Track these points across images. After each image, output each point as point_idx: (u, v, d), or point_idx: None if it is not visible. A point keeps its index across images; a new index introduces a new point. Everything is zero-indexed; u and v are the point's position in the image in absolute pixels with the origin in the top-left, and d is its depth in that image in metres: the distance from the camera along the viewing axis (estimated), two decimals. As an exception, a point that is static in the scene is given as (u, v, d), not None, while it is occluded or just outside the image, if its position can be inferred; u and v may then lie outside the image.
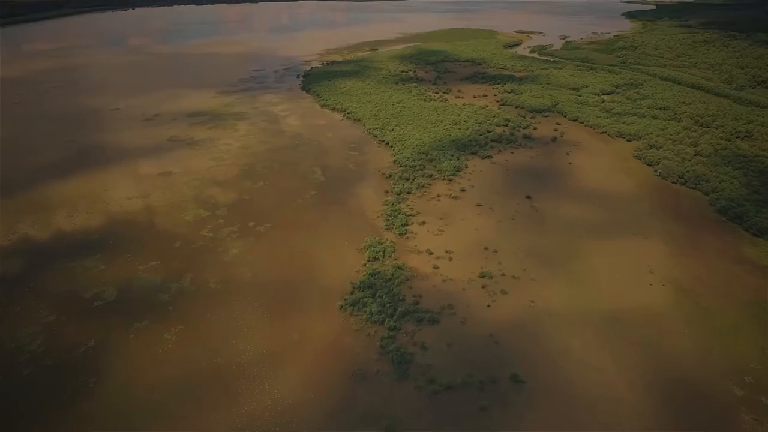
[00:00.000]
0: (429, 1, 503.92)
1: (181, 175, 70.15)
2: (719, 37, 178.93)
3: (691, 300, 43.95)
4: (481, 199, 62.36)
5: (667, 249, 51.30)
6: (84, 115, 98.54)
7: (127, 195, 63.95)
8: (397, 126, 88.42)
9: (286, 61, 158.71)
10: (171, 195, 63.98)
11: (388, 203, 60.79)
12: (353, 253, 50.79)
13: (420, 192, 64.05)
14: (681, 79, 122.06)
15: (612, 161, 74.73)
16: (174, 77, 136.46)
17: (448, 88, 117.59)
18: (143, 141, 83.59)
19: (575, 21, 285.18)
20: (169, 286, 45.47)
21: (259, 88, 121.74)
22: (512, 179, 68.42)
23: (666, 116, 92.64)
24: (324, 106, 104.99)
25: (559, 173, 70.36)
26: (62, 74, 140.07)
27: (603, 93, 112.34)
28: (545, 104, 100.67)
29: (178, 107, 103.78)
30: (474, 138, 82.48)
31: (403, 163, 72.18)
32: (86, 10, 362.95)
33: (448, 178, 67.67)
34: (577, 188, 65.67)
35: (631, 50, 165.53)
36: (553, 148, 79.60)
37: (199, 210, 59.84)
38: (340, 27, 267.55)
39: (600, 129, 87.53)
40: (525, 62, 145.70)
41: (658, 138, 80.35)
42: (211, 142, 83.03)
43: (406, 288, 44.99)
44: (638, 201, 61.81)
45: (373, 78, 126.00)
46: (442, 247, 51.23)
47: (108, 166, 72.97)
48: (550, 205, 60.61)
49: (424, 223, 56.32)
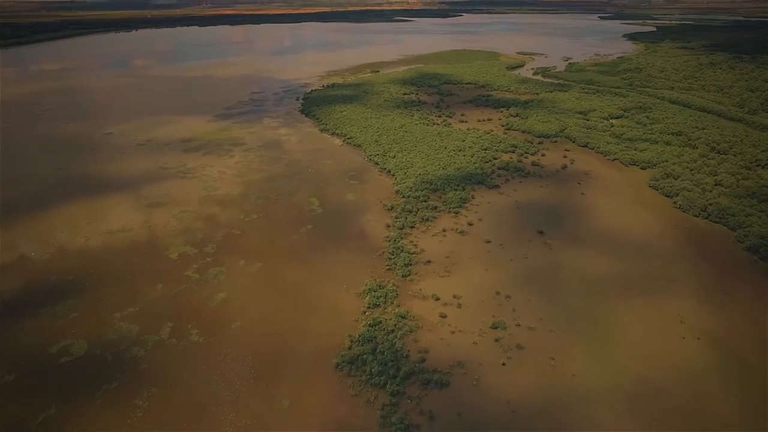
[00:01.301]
0: (430, 23, 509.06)
1: (169, 206, 65.97)
2: (725, 59, 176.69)
3: (729, 355, 39.12)
4: (490, 234, 57.94)
5: (696, 294, 46.57)
6: (74, 141, 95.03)
7: (111, 228, 59.70)
8: (399, 152, 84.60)
9: (286, 83, 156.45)
10: (157, 229, 59.69)
11: (390, 239, 56.34)
12: (352, 298, 46.16)
13: (424, 226, 59.68)
14: (691, 103, 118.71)
15: (627, 192, 70.48)
16: (171, 100, 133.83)
17: (451, 112, 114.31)
18: (133, 169, 79.73)
19: (577, 42, 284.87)
20: (145, 338, 40.76)
21: (257, 111, 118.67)
22: (522, 212, 64.08)
23: (680, 142, 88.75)
24: (323, 130, 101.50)
25: (572, 205, 66.03)
26: (57, 97, 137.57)
27: (611, 117, 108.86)
28: (552, 129, 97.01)
29: (173, 132, 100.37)
30: (480, 166, 78.51)
31: (406, 194, 68.00)
32: (88, 32, 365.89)
33: (453, 211, 63.38)
34: (593, 222, 61.25)
35: (636, 72, 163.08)
36: (564, 177, 75.48)
37: (186, 246, 55.44)
38: (341, 48, 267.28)
39: (611, 156, 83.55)
40: (529, 85, 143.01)
41: (674, 166, 76.25)
42: (204, 170, 79.13)
43: (411, 341, 40.24)
44: (659, 237, 57.28)
45: (374, 101, 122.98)
46: (450, 292, 46.62)
47: (93, 197, 68.91)
48: (565, 242, 56.10)
49: (429, 263, 51.78)
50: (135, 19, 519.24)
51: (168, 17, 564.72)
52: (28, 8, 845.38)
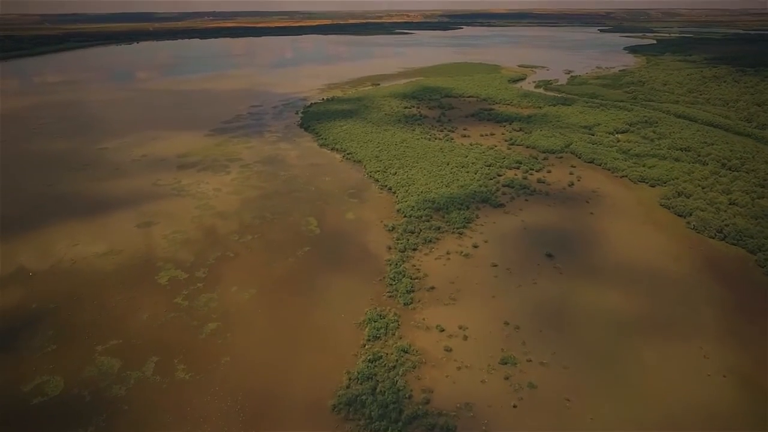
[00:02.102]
0: (430, 36, 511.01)
1: (161, 226, 63.27)
2: (728, 73, 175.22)
3: (759, 394, 36.04)
4: (497, 257, 55.11)
5: (719, 325, 43.60)
6: (68, 156, 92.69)
7: (98, 251, 56.94)
8: (400, 169, 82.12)
9: (285, 96, 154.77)
10: (147, 251, 56.92)
11: (391, 263, 53.52)
12: (350, 329, 43.22)
13: (427, 248, 56.87)
14: (697, 117, 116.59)
15: (637, 211, 67.76)
16: (169, 114, 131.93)
17: (453, 126, 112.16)
18: (126, 186, 77.22)
19: (578, 55, 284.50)
20: (128, 374, 37.76)
21: (255, 125, 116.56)
22: (529, 232, 61.30)
23: (689, 158, 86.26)
24: (323, 145, 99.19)
25: (581, 226, 63.27)
26: (54, 110, 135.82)
27: (617, 132, 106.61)
28: (557, 144, 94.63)
29: (169, 147, 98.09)
30: (483, 183, 75.95)
31: (408, 213, 65.31)
32: (90, 44, 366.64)
33: (458, 231, 60.61)
34: (604, 244, 58.42)
35: (639, 86, 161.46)
36: (571, 195, 72.84)
37: (177, 270, 52.61)
38: (341, 61, 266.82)
39: (619, 173, 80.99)
40: (531, 98, 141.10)
41: (685, 184, 73.63)
42: (199, 187, 76.60)
43: (414, 379, 37.23)
44: (675, 261, 54.41)
45: (374, 115, 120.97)
46: (455, 322, 43.69)
47: (82, 216, 66.26)
48: (575, 267, 53.24)
49: (432, 289, 48.92)
50: (137, 32, 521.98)
51: (169, 30, 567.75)
52: (31, 21, 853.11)
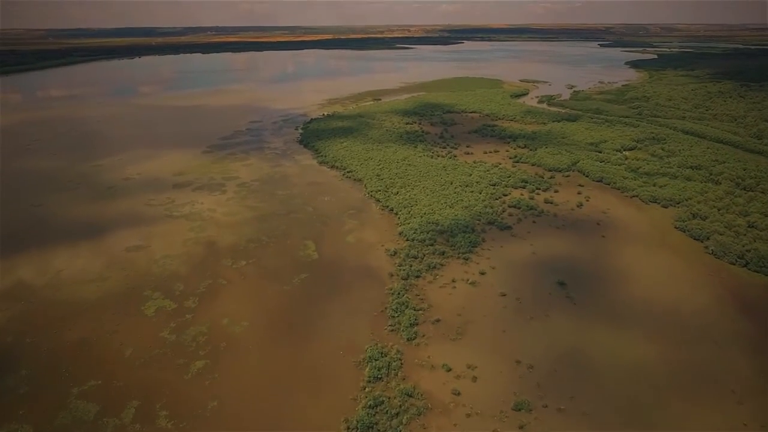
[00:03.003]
0: (431, 50, 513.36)
1: (151, 250, 60.21)
2: (733, 88, 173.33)
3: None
4: (505, 285, 51.88)
5: (749, 364, 40.12)
6: (60, 174, 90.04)
7: (84, 278, 53.84)
8: (402, 188, 79.25)
9: (285, 111, 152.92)
10: (135, 278, 53.75)
11: (393, 291, 50.28)
12: (349, 368, 39.86)
13: (431, 275, 53.67)
14: (705, 133, 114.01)
15: (651, 234, 64.59)
16: (166, 130, 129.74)
17: (455, 143, 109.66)
18: (117, 207, 74.39)
19: (579, 70, 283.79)
20: (105, 422, 34.39)
21: (253, 142, 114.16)
22: (538, 258, 58.10)
23: (701, 177, 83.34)
24: (322, 163, 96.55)
25: (593, 250, 60.06)
26: (50, 126, 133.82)
27: (624, 149, 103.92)
28: (564, 162, 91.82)
29: (164, 165, 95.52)
30: (489, 203, 72.98)
31: (410, 236, 62.20)
32: (93, 59, 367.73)
33: (463, 256, 57.44)
34: (618, 271, 55.16)
35: (644, 101, 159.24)
36: (581, 217, 69.78)
37: (165, 300, 49.41)
38: (343, 76, 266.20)
39: (629, 192, 78.02)
40: (535, 114, 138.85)
41: (700, 205, 70.60)
42: (193, 208, 73.72)
43: (419, 427, 33.82)
44: (696, 291, 51.10)
45: (375, 131, 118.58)
46: (463, 360, 40.33)
47: (69, 239, 63.27)
48: (590, 296, 49.96)
49: (438, 321, 45.63)
50: (140, 47, 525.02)
51: (172, 44, 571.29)
52: (35, 36, 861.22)
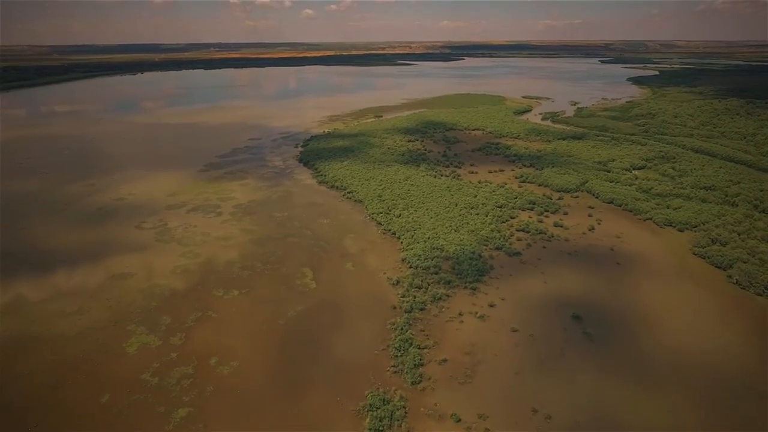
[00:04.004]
0: (433, 66, 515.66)
1: (138, 278, 56.63)
2: (740, 105, 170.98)
3: None
4: (516, 319, 48.14)
5: (791, 413, 36.26)
6: (48, 194, 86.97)
7: (63, 309, 50.19)
8: (405, 210, 75.91)
9: (285, 128, 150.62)
10: (118, 310, 50.08)
11: (396, 327, 46.54)
12: (347, 417, 35.97)
13: (436, 307, 49.96)
14: (716, 152, 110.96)
15: (669, 261, 60.90)
16: (163, 147, 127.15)
17: (459, 162, 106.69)
18: (106, 230, 71.00)
19: (582, 86, 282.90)
20: (71, 485, 30.54)
21: (252, 160, 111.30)
22: (551, 288, 54.39)
23: (716, 199, 79.95)
24: (322, 182, 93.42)
25: (608, 279, 56.35)
26: (44, 143, 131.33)
27: (633, 168, 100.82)
28: (572, 182, 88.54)
29: (159, 184, 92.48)
30: (496, 227, 69.52)
31: (414, 263, 58.64)
32: (94, 75, 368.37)
33: (470, 287, 53.76)
34: (636, 302, 51.40)
35: (649, 118, 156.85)
36: (593, 242, 66.21)
37: (149, 336, 45.70)
38: (344, 92, 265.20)
39: (643, 215, 74.57)
40: (540, 131, 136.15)
41: (718, 229, 67.07)
42: (185, 231, 70.34)
43: (425, 493, 29.88)
44: (723, 326, 47.24)
45: (377, 150, 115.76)
46: (474, 408, 36.44)
47: (52, 265, 59.70)
48: (607, 331, 46.16)
49: (444, 362, 41.83)
50: (142, 63, 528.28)
51: (174, 60, 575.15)
52: (40, 52, 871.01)
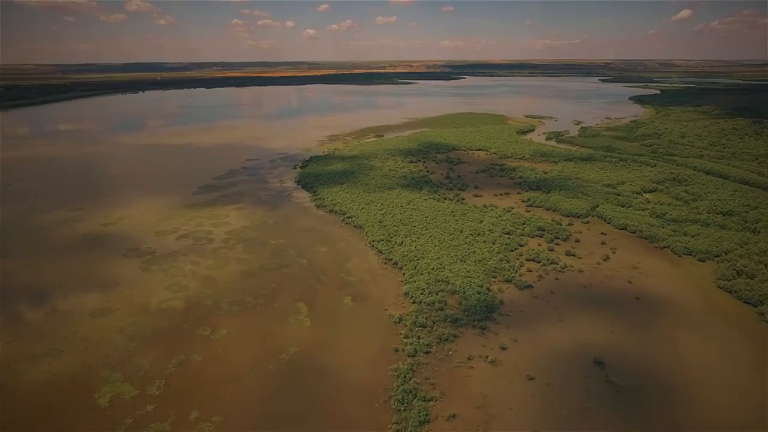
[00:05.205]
0: (433, 85, 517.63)
1: (119, 314, 52.17)
2: (748, 125, 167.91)
3: None
4: (532, 364, 43.50)
5: None
6: (33, 219, 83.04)
7: (33, 351, 45.71)
8: (407, 237, 71.75)
9: (284, 148, 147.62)
10: (93, 352, 45.56)
11: (399, 374, 41.91)
12: (343, 490, 31.24)
13: (443, 350, 45.39)
14: (729, 174, 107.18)
15: (692, 295, 56.37)
16: (158, 169, 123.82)
17: (463, 184, 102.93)
18: (89, 259, 66.75)
19: (584, 105, 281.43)
20: None
21: (248, 182, 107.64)
22: (567, 326, 49.82)
23: (736, 225, 75.75)
24: (320, 206, 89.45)
25: (629, 317, 51.75)
26: (36, 164, 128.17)
27: (644, 191, 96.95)
28: (582, 207, 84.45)
29: (151, 208, 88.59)
30: (504, 256, 65.24)
31: (418, 298, 54.20)
32: (94, 94, 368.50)
33: (479, 325, 49.22)
34: (662, 344, 46.76)
35: (656, 138, 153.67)
36: (609, 274, 61.77)
37: (124, 384, 41.07)
38: (345, 111, 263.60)
39: (659, 243, 70.29)
40: (545, 152, 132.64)
41: (743, 259, 62.71)
42: (174, 260, 66.08)
43: None
44: (759, 371, 42.58)
45: (377, 171, 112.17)
46: (488, 478, 31.70)
47: (28, 298, 55.40)
48: (634, 379, 41.46)
49: (453, 417, 37.10)
50: (144, 81, 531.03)
51: (176, 79, 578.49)
52: (44, 71, 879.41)
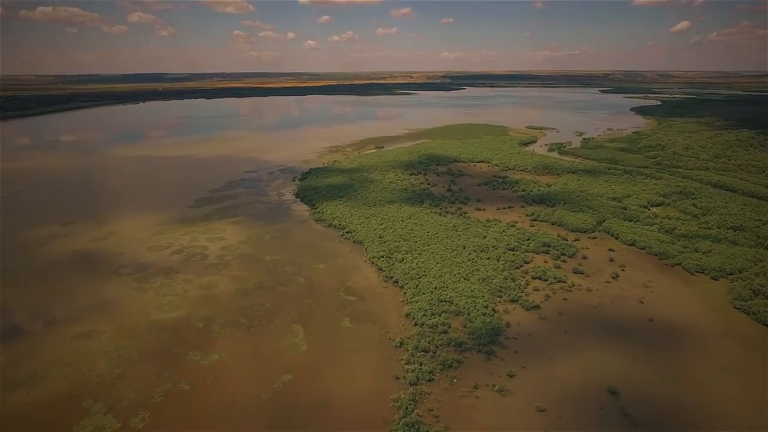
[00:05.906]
0: (434, 96, 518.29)
1: (105, 337, 49.61)
2: (752, 136, 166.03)
3: None
4: (542, 393, 40.83)
5: None
6: (22, 234, 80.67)
7: (12, 378, 43.20)
8: (408, 253, 69.31)
9: (283, 160, 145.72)
10: (75, 379, 42.95)
11: (400, 404, 39.23)
12: None
13: (446, 377, 42.76)
14: (736, 187, 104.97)
15: (708, 317, 53.78)
16: (154, 181, 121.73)
17: (465, 197, 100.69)
18: (77, 276, 64.34)
19: (585, 116, 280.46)
20: None
21: (245, 195, 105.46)
22: (578, 351, 47.19)
23: (748, 241, 73.31)
24: (319, 220, 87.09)
25: (643, 341, 49.12)
26: (31, 176, 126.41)
27: (651, 204, 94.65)
28: (588, 222, 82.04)
29: (144, 222, 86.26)
30: (509, 274, 62.80)
31: (420, 319, 51.65)
32: (95, 104, 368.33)
33: (485, 350, 46.63)
34: (678, 371, 44.12)
35: (660, 150, 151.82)
36: (619, 292, 59.21)
37: (107, 416, 38.43)
38: (345, 122, 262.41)
39: (669, 260, 67.81)
40: (548, 164, 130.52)
41: (758, 278, 60.19)
42: (166, 278, 63.61)
43: None
44: (786, 403, 40.00)
45: (377, 184, 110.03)
46: None
47: (9, 320, 52.84)
48: (651, 411, 38.79)
49: (458, 455, 34.48)
50: (145, 92, 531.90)
51: (177, 90, 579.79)
52: (45, 81, 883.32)
